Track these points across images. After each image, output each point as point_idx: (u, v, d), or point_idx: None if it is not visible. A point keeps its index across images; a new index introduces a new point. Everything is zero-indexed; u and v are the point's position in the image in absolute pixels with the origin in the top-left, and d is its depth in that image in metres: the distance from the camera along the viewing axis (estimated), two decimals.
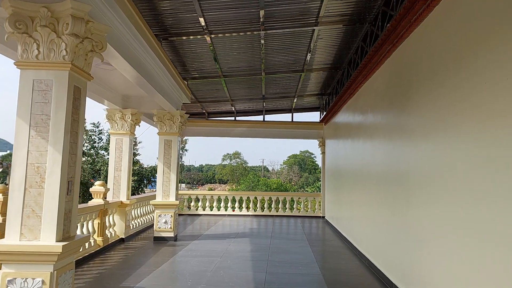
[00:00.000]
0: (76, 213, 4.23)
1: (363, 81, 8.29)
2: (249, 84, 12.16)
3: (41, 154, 3.86)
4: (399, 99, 5.94)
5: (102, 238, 8.36)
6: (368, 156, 7.94)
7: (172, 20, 7.26)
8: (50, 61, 3.93)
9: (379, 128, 7.10)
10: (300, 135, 16.42)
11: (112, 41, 5.15)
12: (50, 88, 3.93)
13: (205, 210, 15.88)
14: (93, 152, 23.46)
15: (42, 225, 3.81)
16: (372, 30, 7.47)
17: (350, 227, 9.94)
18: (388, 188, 6.42)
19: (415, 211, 5.14)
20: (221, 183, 67.12)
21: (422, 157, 4.94)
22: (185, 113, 10.34)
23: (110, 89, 9.15)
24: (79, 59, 4.11)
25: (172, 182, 10.00)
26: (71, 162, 4.06)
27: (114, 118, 9.90)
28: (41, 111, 3.90)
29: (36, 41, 3.92)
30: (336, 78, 11.79)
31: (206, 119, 16.29)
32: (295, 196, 17.31)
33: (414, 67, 5.35)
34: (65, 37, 3.91)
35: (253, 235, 10.97)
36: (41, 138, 3.87)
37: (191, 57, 9.44)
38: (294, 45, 9.02)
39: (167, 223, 9.80)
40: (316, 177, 54.66)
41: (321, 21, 7.48)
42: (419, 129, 5.04)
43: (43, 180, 3.84)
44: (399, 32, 5.61)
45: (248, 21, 7.38)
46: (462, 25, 3.99)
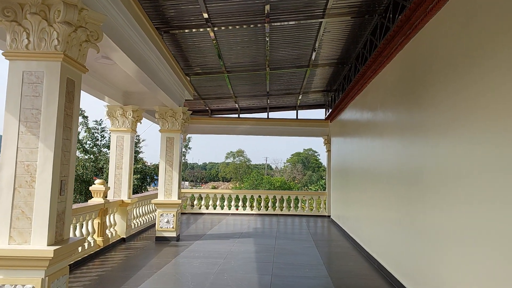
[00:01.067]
0: (70, 215, 3.96)
1: (372, 76, 7.97)
2: (253, 80, 11.86)
3: (32, 151, 3.59)
4: (412, 94, 5.62)
5: (102, 238, 8.11)
6: (378, 154, 7.63)
7: (173, 12, 6.97)
8: (41, 51, 3.65)
9: (390, 125, 6.78)
10: (305, 133, 16.10)
11: (110, 32, 4.88)
12: (41, 81, 3.66)
13: (209, 209, 15.62)
14: (95, 149, 23.23)
15: (32, 228, 3.54)
16: (382, 23, 7.15)
17: (357, 227, 9.64)
18: (400, 187, 6.11)
19: (430, 212, 4.84)
20: (225, 181, 66.98)
21: (438, 156, 4.64)
22: (188, 110, 10.06)
23: (110, 85, 8.88)
24: (73, 50, 3.83)
25: (174, 180, 9.73)
26: (64, 160, 3.79)
27: (115, 115, 9.64)
28: (32, 105, 3.63)
29: (26, 30, 3.64)
30: (342, 74, 11.47)
31: (210, 117, 16.02)
32: (299, 195, 17.01)
33: (429, 59, 5.04)
34: (57, 26, 3.63)
35: (257, 235, 10.70)
36: (32, 134, 3.60)
37: (193, 52, 9.15)
38: (299, 39, 8.72)
39: (169, 223, 9.54)
40: (319, 175, 54.35)
41: (329, 13, 7.16)
42: (435, 125, 4.73)
43: (33, 180, 3.57)
44: (413, 23, 5.29)
45: (252, 13, 7.08)
46: (485, 12, 3.68)
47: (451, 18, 4.44)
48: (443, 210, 4.48)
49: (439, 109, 4.65)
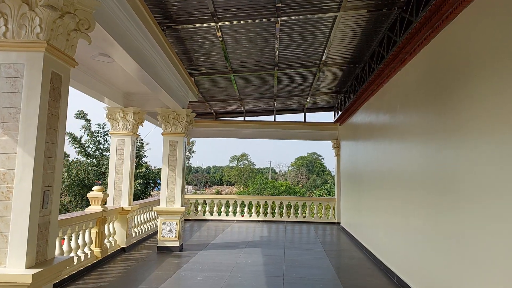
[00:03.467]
0: (55, 231, 3.41)
1: (390, 75, 7.39)
2: (260, 81, 11.32)
3: (8, 157, 3.05)
4: (442, 93, 5.04)
5: (100, 248, 7.55)
6: (398, 158, 7.04)
7: (176, 5, 6.44)
8: (21, 40, 3.12)
9: (414, 127, 6.20)
10: (313, 136, 15.53)
11: (106, 24, 4.36)
12: (20, 74, 3.12)
13: (213, 215, 15.05)
14: (98, 153, 22.78)
15: (8, 248, 2.99)
16: (402, 17, 6.58)
17: (371, 235, 9.03)
18: (427, 194, 5.52)
19: (466, 224, 4.26)
20: (229, 185, 66.42)
21: (477, 161, 4.06)
22: (192, 112, 9.53)
23: (110, 85, 8.37)
24: (59, 39, 3.30)
25: (177, 186, 9.18)
26: (48, 167, 3.25)
27: (115, 117, 9.11)
28: (9, 103, 3.10)
29: (4, 15, 3.11)
30: (354, 74, 10.90)
31: (214, 119, 15.50)
32: (307, 201, 16.42)
33: (464, 52, 4.47)
34: (40, 10, 3.10)
35: (265, 244, 10.11)
36: (9, 137, 3.06)
37: (198, 50, 8.62)
38: (310, 36, 8.16)
39: (171, 232, 8.98)
40: (324, 179, 53.74)
41: (345, 5, 6.61)
42: (474, 127, 4.15)
43: (10, 190, 3.03)
44: (444, 13, 4.73)
45: (261, 6, 6.54)
46: None
47: (490, 6, 3.87)
48: (483, 224, 3.89)
49: (479, 108, 4.07)
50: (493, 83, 3.81)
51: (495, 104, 3.75)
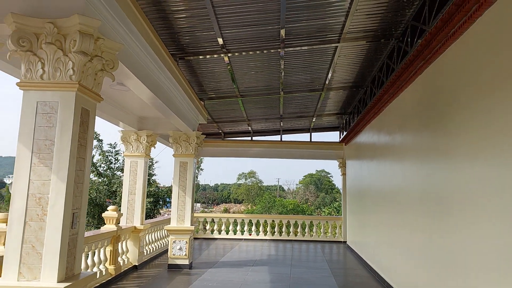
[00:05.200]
0: (81, 248, 3.82)
1: (389, 100, 7.79)
2: (266, 103, 11.79)
3: (44, 183, 3.48)
4: (435, 119, 5.42)
5: (114, 266, 7.92)
6: (397, 179, 7.37)
7: (189, 39, 6.97)
8: (56, 81, 3.59)
9: (410, 149, 6.56)
10: (319, 156, 15.87)
11: (126, 60, 4.84)
12: (55, 111, 3.58)
13: (221, 234, 15.34)
14: (109, 173, 23.30)
15: (42, 263, 3.40)
16: (399, 46, 7.02)
17: (375, 254, 9.28)
18: (424, 214, 5.84)
19: (458, 243, 4.57)
20: (237, 202, 66.47)
21: (465, 182, 4.40)
22: (201, 134, 9.99)
23: (125, 111, 8.88)
24: (88, 79, 3.77)
25: (187, 206, 9.56)
26: (76, 192, 3.67)
27: (129, 140, 9.59)
28: (45, 136, 3.55)
29: (41, 60, 3.60)
30: (357, 97, 11.32)
31: (222, 139, 15.94)
32: (314, 220, 16.64)
33: (453, 83, 4.86)
34: (73, 55, 3.58)
35: (272, 263, 10.38)
36: (44, 166, 3.50)
37: (208, 77, 9.14)
38: (314, 64, 8.64)
39: (181, 250, 9.32)
40: (333, 197, 53.64)
41: (344, 37, 7.08)
42: (462, 152, 4.51)
43: (45, 213, 3.45)
44: (434, 47, 5.15)
45: (267, 38, 7.05)
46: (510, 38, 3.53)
47: (476, 43, 4.28)
48: (471, 239, 4.21)
49: (465, 134, 4.44)
50: (474, 112, 4.19)
51: (479, 131, 4.12)
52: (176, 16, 6.20)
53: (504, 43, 3.69)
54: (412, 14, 6.31)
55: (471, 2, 3.96)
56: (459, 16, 4.28)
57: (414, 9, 6.18)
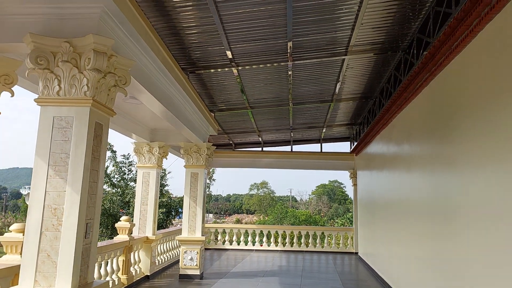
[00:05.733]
0: (94, 257, 3.96)
1: (397, 111, 7.86)
2: (276, 115, 11.93)
3: (59, 195, 3.65)
4: (441, 130, 5.48)
5: (126, 276, 8.06)
6: (406, 188, 7.39)
7: (199, 54, 7.17)
8: (71, 97, 3.79)
9: (418, 160, 6.60)
10: (330, 166, 15.89)
11: (138, 75, 5.03)
12: (70, 125, 3.77)
13: (232, 245, 15.41)
14: (122, 184, 23.62)
15: (57, 272, 3.54)
16: (406, 58, 7.11)
17: (385, 265, 9.24)
18: (432, 224, 5.85)
19: (463, 253, 4.58)
20: (249, 213, 66.35)
21: (470, 192, 4.44)
22: (212, 145, 10.15)
23: (138, 123, 9.11)
24: (101, 95, 3.96)
25: (198, 217, 9.69)
26: (90, 202, 3.83)
27: (142, 151, 9.81)
28: (61, 149, 3.73)
29: (58, 77, 3.80)
30: (367, 108, 11.38)
31: (233, 150, 16.08)
32: (325, 231, 16.58)
33: (456, 95, 4.93)
34: (87, 72, 3.77)
35: (283, 273, 10.40)
36: (60, 178, 3.67)
37: (218, 90, 9.33)
38: (322, 75, 8.76)
39: (192, 260, 9.43)
40: (346, 208, 53.14)
41: (351, 50, 7.20)
42: (466, 161, 4.56)
43: (60, 223, 3.61)
44: (438, 60, 5.23)
45: (275, 52, 7.20)
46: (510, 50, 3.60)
47: (477, 56, 4.36)
48: (476, 250, 4.23)
49: (469, 144, 4.49)
50: (478, 123, 4.25)
51: (481, 142, 4.17)
52: (187, 32, 6.41)
53: (505, 56, 3.76)
54: (418, 26, 6.41)
55: (472, 17, 4.04)
56: (461, 30, 4.36)
57: (420, 22, 6.28)
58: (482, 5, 3.83)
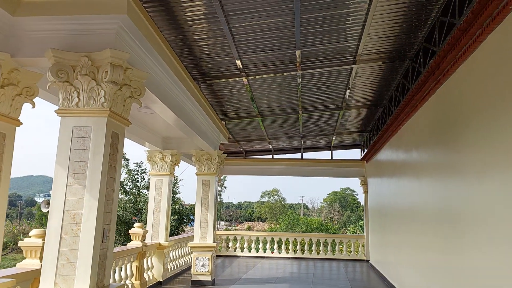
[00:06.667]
0: (111, 261, 4.14)
1: (405, 119, 7.94)
2: (286, 123, 12.07)
3: (78, 201, 3.85)
4: (447, 138, 5.56)
5: (140, 281, 8.23)
6: (415, 196, 7.45)
7: (210, 64, 7.39)
8: (90, 108, 4.00)
9: (426, 167, 6.67)
10: (340, 174, 15.92)
11: (152, 86, 5.23)
12: (88, 135, 3.97)
13: (243, 252, 15.50)
14: (135, 191, 23.94)
15: (76, 275, 3.73)
16: (413, 67, 7.21)
17: (398, 274, 9.24)
18: (441, 231, 5.91)
19: (468, 260, 4.64)
20: (260, 221, 66.18)
21: (475, 200, 4.51)
22: (223, 153, 10.33)
23: (151, 132, 9.34)
24: (118, 106, 4.16)
25: (209, 223, 9.84)
26: (107, 208, 4.02)
27: (155, 159, 10.03)
28: (79, 157, 3.93)
29: (77, 89, 4.02)
30: (376, 115, 11.46)
31: (244, 158, 16.24)
32: (336, 238, 16.58)
33: (462, 103, 5.02)
34: (104, 85, 3.98)
35: (294, 281, 10.46)
36: (78, 185, 3.87)
37: (228, 99, 9.53)
38: (331, 84, 8.90)
39: (204, 266, 9.56)
40: (358, 216, 52.67)
41: (359, 59, 7.34)
42: (472, 169, 4.63)
43: (78, 228, 3.80)
44: (444, 68, 5.34)
45: (284, 62, 7.38)
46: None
47: (481, 65, 4.46)
48: (483, 256, 4.29)
49: (474, 153, 4.57)
50: (480, 131, 4.33)
51: (487, 149, 4.26)
52: (198, 44, 6.63)
53: (508, 64, 3.85)
54: (424, 35, 6.52)
55: (474, 27, 4.16)
56: (465, 40, 4.47)
57: (426, 31, 6.39)
58: (484, 16, 3.95)
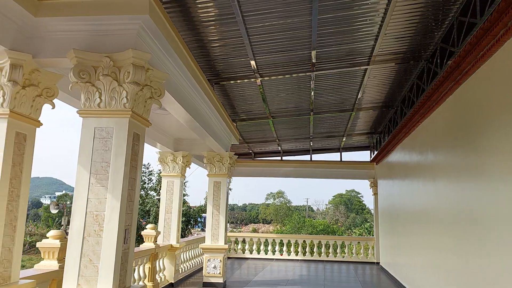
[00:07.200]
0: (132, 263, 4.12)
1: (420, 120, 7.88)
2: (296, 124, 12.04)
3: (100, 201, 3.83)
4: (467, 138, 5.51)
5: (152, 283, 8.20)
6: (431, 198, 7.38)
7: (223, 65, 7.39)
8: (111, 109, 3.98)
9: (444, 169, 6.60)
10: (350, 175, 15.85)
11: (169, 87, 5.21)
12: (110, 136, 3.96)
13: (252, 254, 15.46)
14: (143, 193, 24.00)
15: (99, 276, 3.71)
16: (429, 68, 7.16)
17: (411, 275, 9.16)
18: (458, 233, 5.84)
19: (492, 263, 4.58)
20: (265, 223, 66.01)
21: (497, 202, 4.45)
22: (234, 155, 10.31)
23: (162, 133, 9.34)
24: (139, 106, 4.15)
25: (221, 225, 9.81)
26: (128, 209, 4.01)
27: (166, 160, 10.03)
28: (102, 158, 3.92)
29: (99, 90, 4.01)
30: (388, 117, 11.39)
31: (253, 159, 16.22)
32: (346, 240, 16.50)
33: (483, 103, 4.97)
34: (126, 85, 3.97)
35: (305, 283, 10.41)
36: (101, 185, 3.86)
37: (240, 100, 9.52)
38: (344, 85, 8.87)
39: (216, 268, 9.53)
40: (364, 218, 52.48)
41: (374, 60, 7.29)
42: (496, 169, 4.58)
43: (101, 229, 3.79)
44: (464, 69, 5.28)
45: (299, 63, 7.35)
46: None
47: (503, 65, 4.40)
48: (508, 257, 4.23)
49: (495, 154, 4.52)
50: (504, 131, 4.28)
51: (509, 152, 4.20)
52: (212, 45, 6.63)
53: None
54: (441, 36, 6.46)
55: (498, 27, 4.11)
56: (487, 39, 4.42)
57: (443, 32, 6.34)
58: (508, 15, 3.90)
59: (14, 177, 4.00)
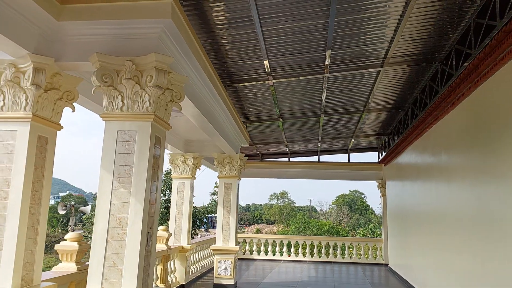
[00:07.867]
0: (153, 265, 4.13)
1: (434, 122, 7.85)
2: (306, 125, 12.03)
3: (123, 205, 3.84)
4: (485, 141, 5.49)
5: (164, 285, 8.22)
6: (444, 200, 7.35)
7: (236, 67, 7.40)
8: (134, 112, 3.99)
9: (459, 171, 6.58)
10: (358, 176, 15.83)
11: (187, 90, 5.21)
12: (133, 139, 3.97)
13: (260, 255, 15.45)
14: None
15: (122, 279, 3.72)
16: (443, 69, 7.13)
17: (422, 277, 9.13)
18: (473, 236, 5.82)
19: None
20: (268, 223, 65.97)
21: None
22: (244, 156, 10.31)
23: (174, 134, 9.36)
24: (160, 110, 4.16)
25: (231, 226, 9.82)
26: (150, 212, 4.01)
27: (177, 162, 10.05)
28: (124, 162, 3.93)
29: (121, 94, 4.02)
30: (397, 118, 11.36)
31: (260, 161, 16.21)
32: (354, 242, 16.46)
33: (502, 105, 4.94)
34: (149, 89, 3.97)
35: (315, 284, 10.40)
36: (124, 189, 3.87)
37: (250, 102, 9.53)
38: (356, 87, 8.85)
39: (227, 270, 9.54)
40: (367, 218, 52.38)
41: (388, 62, 7.28)
42: None
43: (124, 232, 3.80)
44: (482, 71, 5.27)
45: (313, 64, 7.35)
46: None
47: None
48: None
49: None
50: None
51: None
52: (226, 48, 6.64)
53: None
54: (456, 38, 6.45)
55: None
56: (508, 42, 4.41)
57: (459, 34, 6.32)
58: None
59: (36, 180, 4.02)
